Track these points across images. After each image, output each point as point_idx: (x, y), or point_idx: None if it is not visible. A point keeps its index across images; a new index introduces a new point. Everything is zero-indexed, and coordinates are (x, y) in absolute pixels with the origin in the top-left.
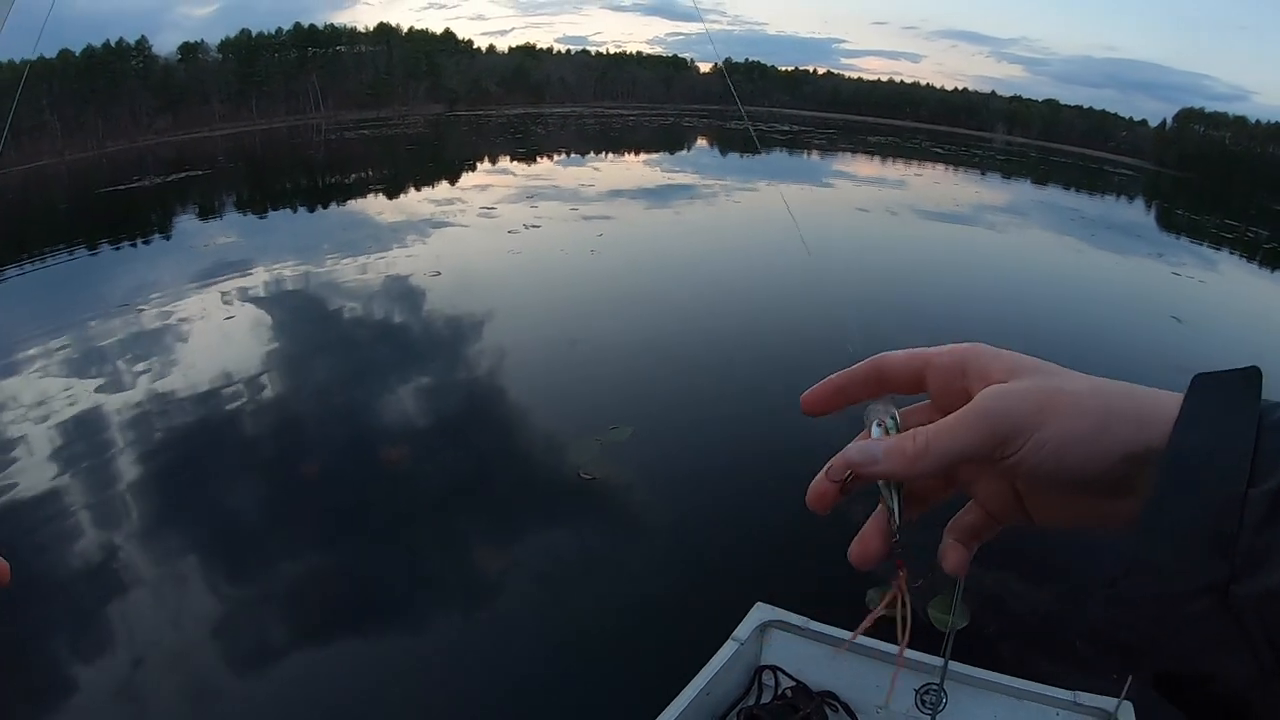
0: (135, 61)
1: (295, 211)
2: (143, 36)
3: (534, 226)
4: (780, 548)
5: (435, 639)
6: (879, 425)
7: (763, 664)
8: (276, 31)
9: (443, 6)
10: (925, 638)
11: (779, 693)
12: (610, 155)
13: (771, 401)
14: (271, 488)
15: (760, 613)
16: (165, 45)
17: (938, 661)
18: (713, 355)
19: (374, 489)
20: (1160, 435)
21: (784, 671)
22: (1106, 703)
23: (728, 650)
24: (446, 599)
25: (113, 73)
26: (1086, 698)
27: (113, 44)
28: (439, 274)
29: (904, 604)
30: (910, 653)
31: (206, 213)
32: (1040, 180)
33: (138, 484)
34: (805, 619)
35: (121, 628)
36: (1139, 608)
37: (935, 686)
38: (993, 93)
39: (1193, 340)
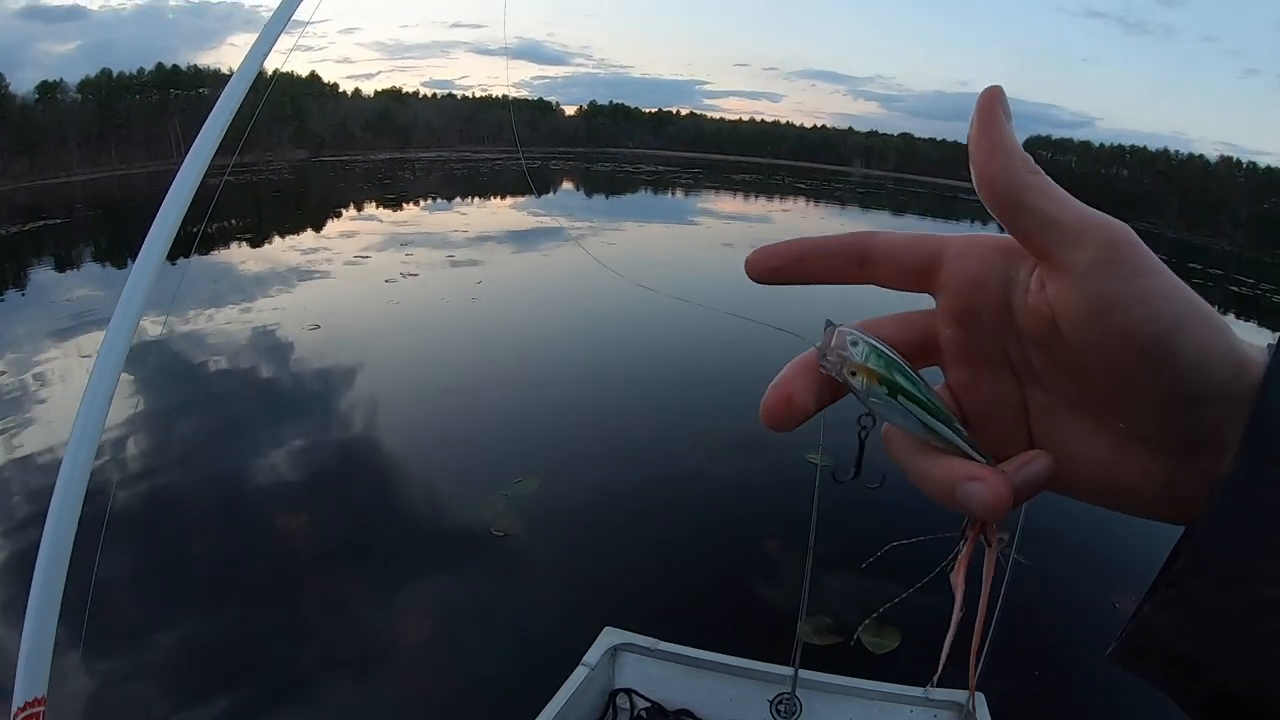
0: None
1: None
2: None
3: (411, 274)
4: (628, 573)
5: (274, 698)
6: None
7: (616, 687)
8: (139, 72)
9: (309, 49)
10: (780, 649)
11: (635, 714)
12: (479, 200)
13: (655, 436)
14: (142, 556)
15: (609, 636)
16: (22, 84)
17: (788, 671)
18: (607, 395)
19: (258, 557)
20: (1247, 387)
21: (638, 693)
22: (959, 695)
23: (579, 675)
24: (297, 653)
25: None
26: (938, 692)
27: None
28: (318, 327)
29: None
30: (760, 664)
31: (64, 264)
32: (898, 210)
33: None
34: (654, 640)
35: None
36: (1206, 614)
37: (788, 695)
38: (850, 129)
39: None
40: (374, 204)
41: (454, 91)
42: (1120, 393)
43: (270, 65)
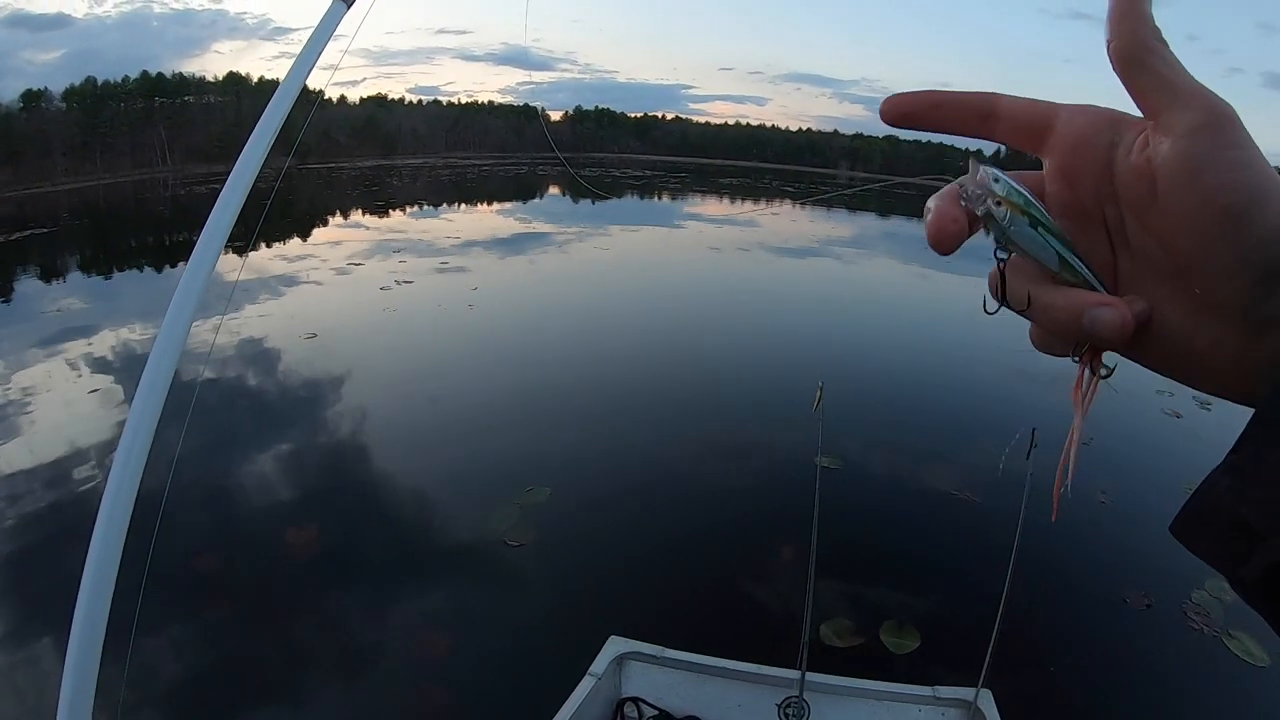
0: None
1: (143, 271)
2: None
3: (406, 282)
4: (632, 581)
5: (288, 708)
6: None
7: (623, 696)
8: (123, 80)
9: (293, 55)
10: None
11: None
12: (468, 206)
13: (665, 441)
14: (147, 567)
15: (615, 645)
16: (6, 92)
17: (795, 674)
18: (608, 402)
19: (267, 570)
20: None
21: (645, 701)
22: (965, 693)
23: (586, 685)
24: (312, 670)
25: None
26: (946, 691)
27: None
28: (314, 335)
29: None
30: (767, 669)
31: (55, 274)
32: (884, 212)
33: None
34: (659, 648)
35: None
36: (1270, 479)
37: (796, 699)
38: (835, 131)
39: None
40: (363, 211)
41: (439, 98)
42: (1199, 256)
43: (256, 72)
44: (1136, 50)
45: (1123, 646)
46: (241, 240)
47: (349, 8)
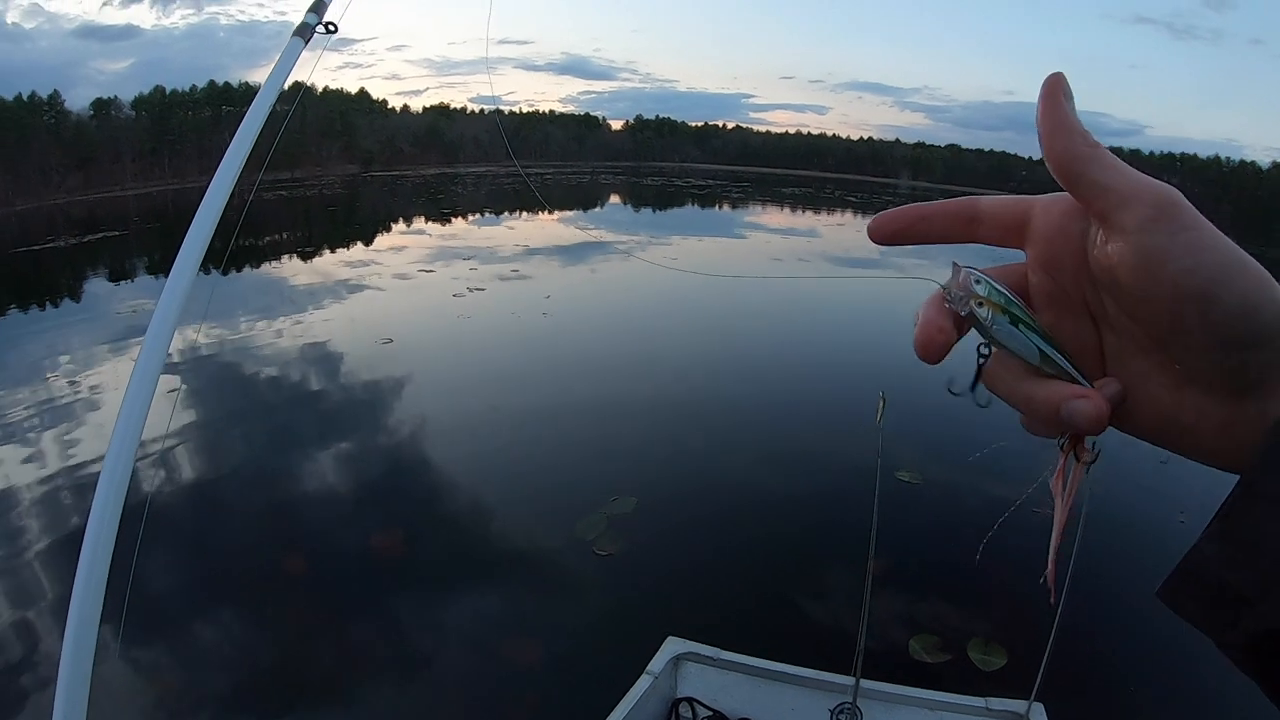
0: (47, 117)
1: (209, 274)
2: (55, 91)
3: (478, 289)
4: (695, 584)
5: (360, 705)
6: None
7: (678, 696)
8: (191, 89)
9: (358, 66)
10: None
11: None
12: (537, 213)
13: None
14: (242, 573)
15: (672, 646)
16: (78, 100)
17: (849, 681)
18: (675, 408)
19: (353, 571)
20: None
21: (700, 702)
22: (1018, 705)
23: (643, 684)
24: (398, 668)
25: (23, 128)
26: (998, 703)
27: (24, 98)
28: (390, 341)
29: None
30: (821, 674)
31: (125, 275)
32: None
33: (56, 562)
34: (716, 649)
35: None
36: (1255, 546)
37: (849, 705)
38: (897, 140)
39: None
40: (430, 218)
41: (501, 107)
42: (1174, 336)
43: (320, 82)
44: (1071, 164)
45: (1189, 666)
46: (218, 253)
47: (306, 45)
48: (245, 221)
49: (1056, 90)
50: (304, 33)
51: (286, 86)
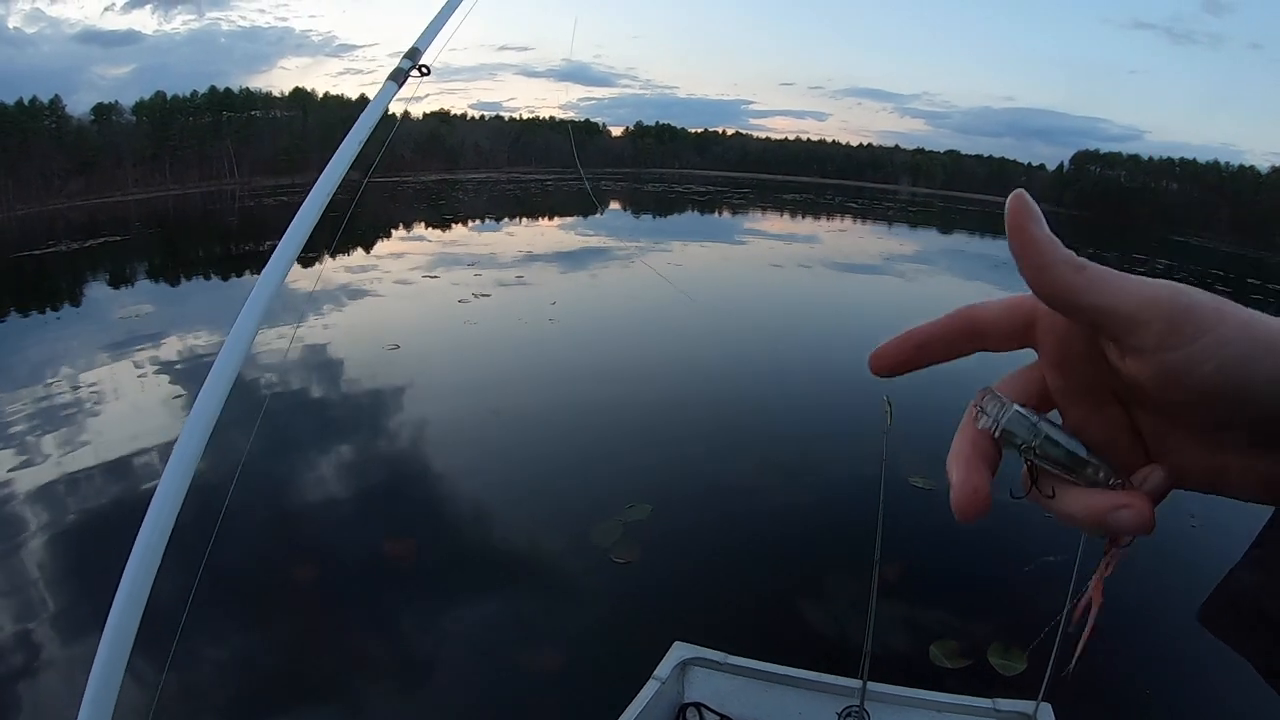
0: (48, 121)
1: (210, 280)
2: (56, 96)
3: (483, 295)
4: (698, 587)
5: (370, 709)
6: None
7: (686, 701)
8: (192, 95)
9: (358, 72)
10: (847, 660)
11: None
12: (537, 220)
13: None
14: (254, 581)
15: (680, 651)
16: (79, 106)
17: (856, 684)
18: (683, 413)
19: (366, 579)
20: None
21: (708, 707)
22: (1025, 706)
23: (650, 689)
24: (408, 672)
25: (24, 132)
26: (1005, 704)
27: (26, 102)
28: (397, 347)
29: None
30: (828, 677)
31: (126, 280)
32: (946, 228)
33: (50, 566)
34: (723, 654)
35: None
36: None
37: (857, 708)
38: (896, 147)
39: None
40: (432, 224)
41: (501, 114)
42: (1209, 425)
43: (321, 88)
44: (1065, 297)
45: (1198, 667)
46: (314, 253)
47: (400, 87)
48: (250, 228)
49: (1023, 216)
50: (398, 76)
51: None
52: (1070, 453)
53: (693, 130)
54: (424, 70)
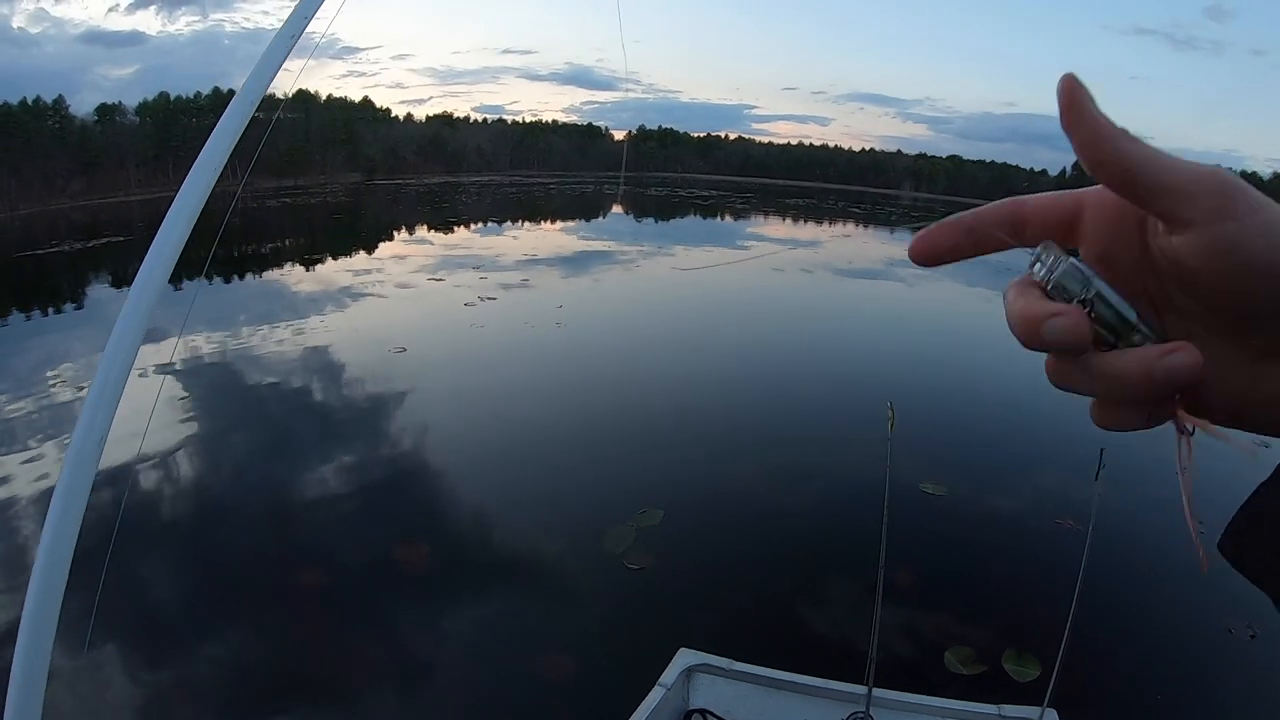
0: (52, 122)
1: (212, 282)
2: (60, 96)
3: (489, 298)
4: (708, 593)
5: (376, 713)
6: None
7: (691, 708)
8: (195, 95)
9: (361, 74)
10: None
11: None
12: (541, 222)
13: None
14: (262, 586)
15: (685, 658)
16: (83, 106)
17: (862, 690)
18: (688, 417)
19: (378, 582)
20: None
21: (713, 714)
22: (1031, 712)
23: (655, 696)
24: (417, 679)
25: (28, 132)
26: (1011, 710)
27: (30, 103)
28: (404, 350)
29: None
30: (833, 683)
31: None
32: None
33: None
34: (728, 660)
35: None
36: None
37: (862, 714)
38: (899, 151)
39: None
40: (436, 227)
41: (504, 117)
42: (1251, 314)
43: (324, 90)
44: (1122, 171)
45: (1203, 672)
46: (198, 259)
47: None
48: (253, 230)
49: (1078, 94)
50: None
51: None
52: (1120, 314)
53: (695, 135)
54: None
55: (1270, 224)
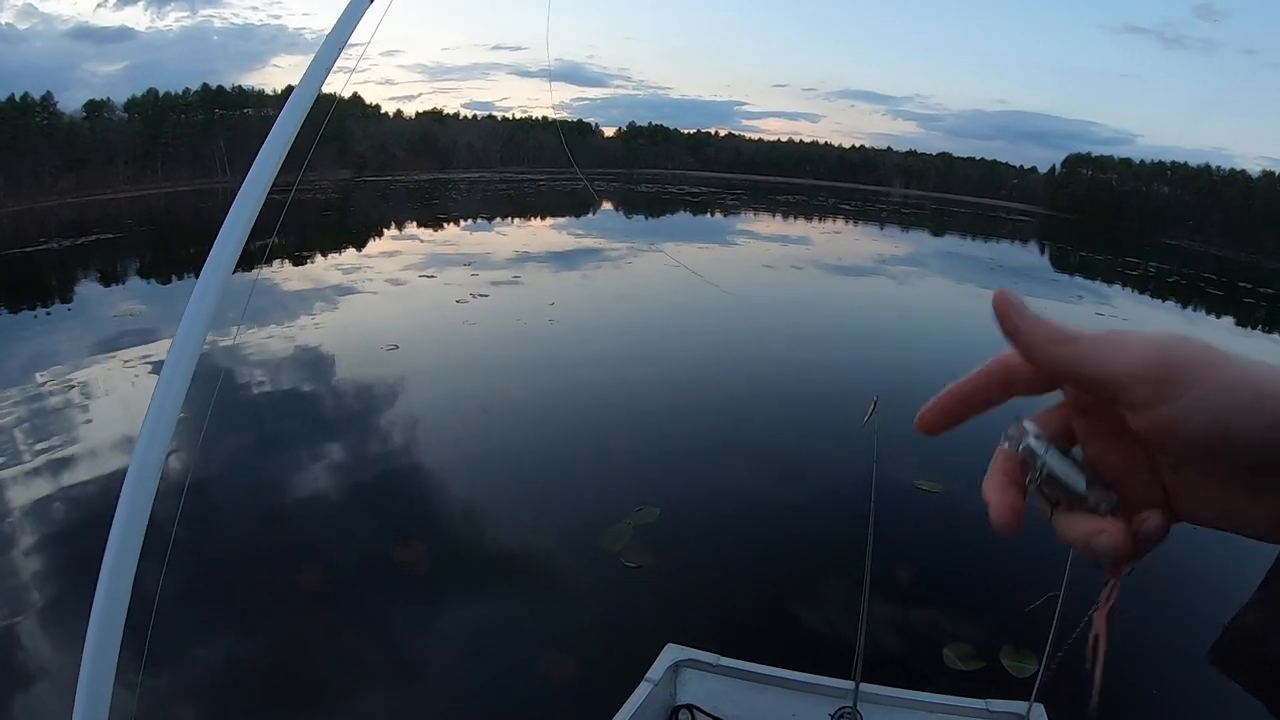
0: (40, 118)
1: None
2: (48, 92)
3: (481, 295)
4: (704, 590)
5: (362, 710)
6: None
7: (678, 703)
8: (184, 92)
9: (351, 71)
10: (840, 661)
11: None
12: (532, 219)
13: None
14: (254, 586)
15: (672, 653)
16: (71, 102)
17: (849, 685)
18: (701, 417)
19: (372, 581)
20: None
21: (700, 709)
22: (1018, 706)
23: (642, 692)
24: (408, 677)
25: (15, 129)
26: (999, 704)
27: (18, 99)
28: (396, 348)
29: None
30: (821, 678)
31: (118, 278)
32: (938, 231)
33: (39, 571)
34: (716, 655)
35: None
36: None
37: (850, 709)
38: (889, 149)
39: None
40: (427, 224)
41: (494, 113)
42: (1215, 464)
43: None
44: (1062, 372)
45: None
46: (258, 253)
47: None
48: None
49: (1008, 308)
50: None
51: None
52: (1067, 486)
53: (686, 131)
54: None
55: (1210, 396)
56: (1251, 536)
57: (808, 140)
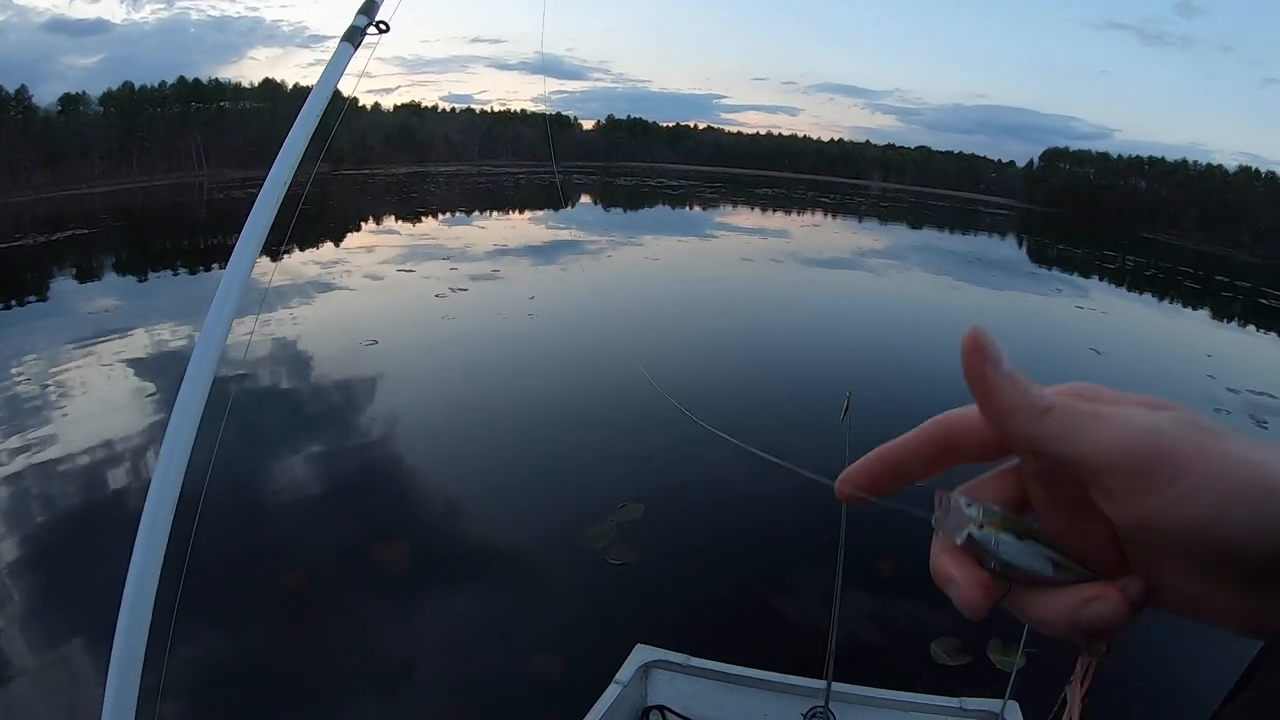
0: (14, 112)
1: (178, 274)
2: (23, 86)
3: (460, 289)
4: (660, 589)
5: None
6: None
7: (649, 704)
8: (160, 85)
9: (325, 62)
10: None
11: None
12: (511, 212)
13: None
14: (235, 587)
15: (641, 654)
16: (46, 96)
17: (821, 684)
18: (645, 410)
19: (352, 580)
20: None
21: (670, 710)
22: (992, 704)
23: (612, 693)
24: (391, 677)
25: None
26: (972, 702)
27: None
28: (375, 342)
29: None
30: (792, 678)
31: (93, 274)
32: (916, 224)
33: (14, 567)
34: (686, 656)
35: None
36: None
37: (822, 709)
38: (868, 142)
39: (1117, 371)
40: (405, 218)
41: (473, 106)
42: (1189, 564)
43: (291, 79)
44: (1033, 442)
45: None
46: (275, 244)
47: (355, 50)
48: (219, 221)
49: (979, 356)
50: (353, 36)
51: (338, 89)
52: (1031, 571)
53: (665, 124)
54: (383, 27)
55: (1192, 494)
56: (1223, 629)
57: (787, 134)
